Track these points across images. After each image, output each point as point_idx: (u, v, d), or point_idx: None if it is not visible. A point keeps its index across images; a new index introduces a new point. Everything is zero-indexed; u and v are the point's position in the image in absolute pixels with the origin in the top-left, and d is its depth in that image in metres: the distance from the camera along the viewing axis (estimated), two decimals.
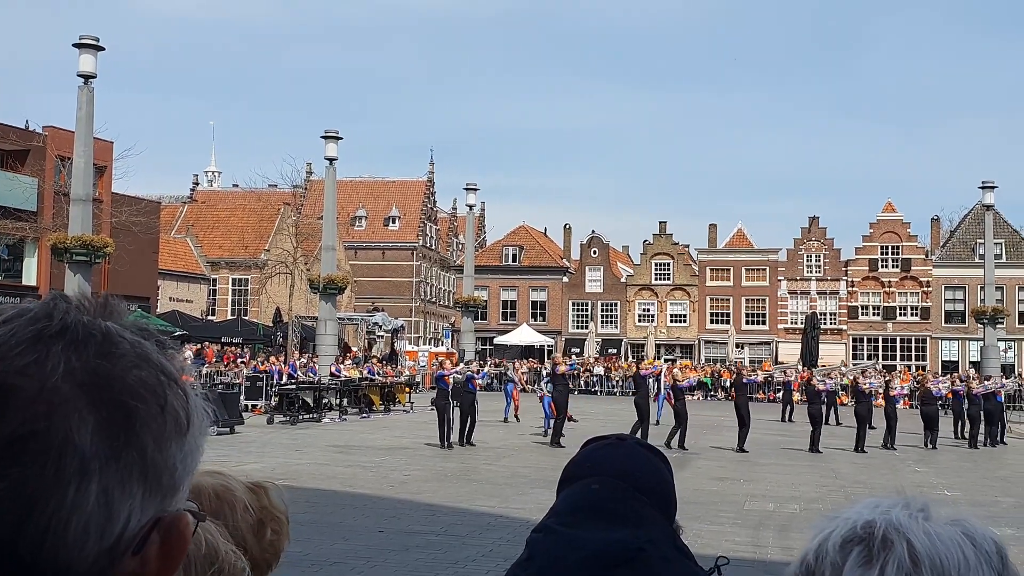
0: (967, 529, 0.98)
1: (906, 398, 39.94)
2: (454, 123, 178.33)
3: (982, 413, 26.89)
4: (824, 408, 25.37)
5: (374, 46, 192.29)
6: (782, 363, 53.15)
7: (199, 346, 43.13)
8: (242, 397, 29.88)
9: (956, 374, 39.32)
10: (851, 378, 29.11)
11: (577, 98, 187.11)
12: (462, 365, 25.14)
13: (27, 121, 42.22)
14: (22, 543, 0.71)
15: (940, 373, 45.36)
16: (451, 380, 22.27)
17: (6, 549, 0.70)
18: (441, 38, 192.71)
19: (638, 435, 22.02)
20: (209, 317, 56.92)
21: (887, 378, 28.16)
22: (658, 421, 27.48)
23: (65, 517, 0.71)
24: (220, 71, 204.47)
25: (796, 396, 34.87)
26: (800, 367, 44.91)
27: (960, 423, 27.97)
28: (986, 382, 29.48)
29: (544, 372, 32.96)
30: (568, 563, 1.52)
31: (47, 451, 0.71)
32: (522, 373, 38.45)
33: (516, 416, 30.08)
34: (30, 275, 41.27)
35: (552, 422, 23.40)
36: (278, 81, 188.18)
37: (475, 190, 51.97)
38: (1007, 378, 35.58)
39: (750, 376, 26.29)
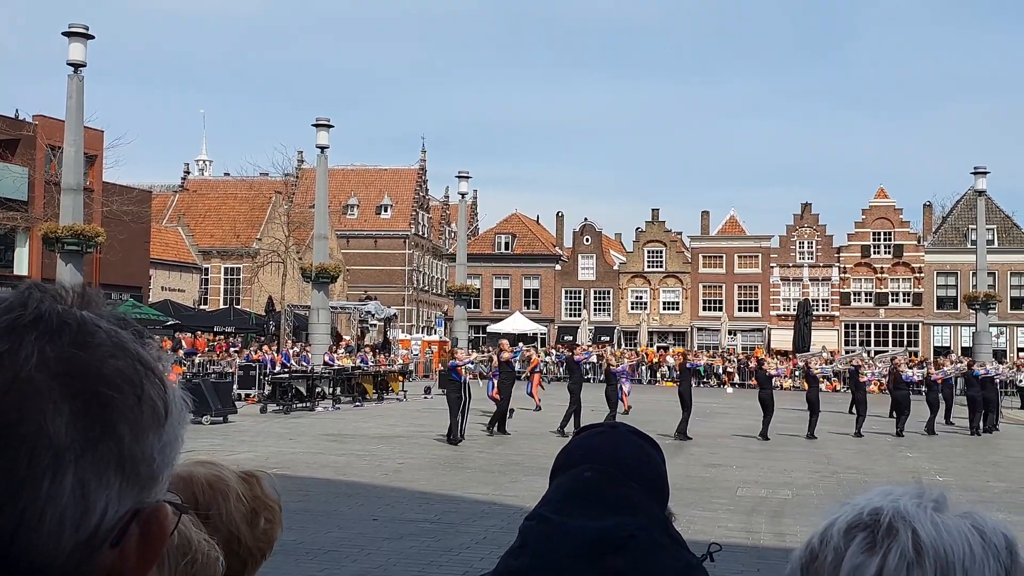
0: (977, 522, 0.97)
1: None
2: (446, 113, 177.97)
3: (979, 398, 26.32)
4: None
5: (365, 36, 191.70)
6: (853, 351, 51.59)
7: (192, 335, 43.10)
8: (235, 386, 29.87)
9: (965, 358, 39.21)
10: (803, 363, 28.76)
11: (569, 87, 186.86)
12: (475, 353, 24.61)
13: (16, 110, 42.05)
14: None
15: (931, 358, 45.37)
16: (464, 371, 21.36)
17: None
18: (433, 28, 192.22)
19: (571, 422, 21.79)
20: (201, 306, 56.85)
21: (856, 364, 27.65)
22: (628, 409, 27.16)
23: (39, 509, 0.70)
24: (210, 60, 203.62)
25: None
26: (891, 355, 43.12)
27: (974, 409, 26.81)
28: (952, 365, 28.91)
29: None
30: (561, 551, 1.52)
31: (20, 443, 0.70)
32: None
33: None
34: (21, 265, 41.13)
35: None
36: (269, 70, 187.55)
37: (467, 178, 51.78)
38: (1000, 363, 35.20)
39: (694, 361, 25.89)
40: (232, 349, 40.48)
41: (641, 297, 66.68)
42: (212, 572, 1.48)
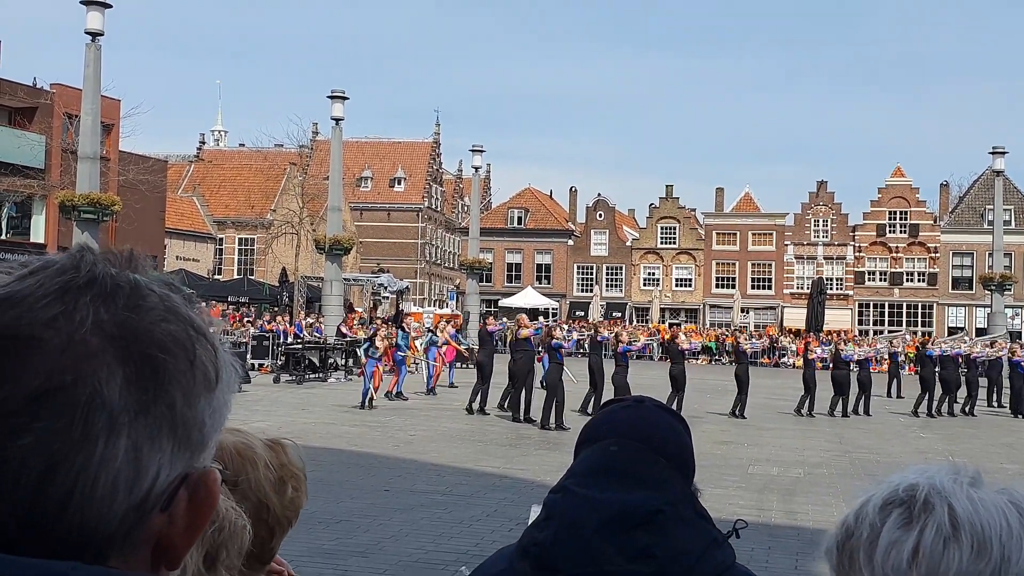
0: (1014, 497, 0.97)
1: (911, 364, 39.87)
2: (461, 85, 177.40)
3: (932, 379, 25.07)
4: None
5: (380, 7, 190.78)
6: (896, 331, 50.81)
7: (206, 305, 43.21)
8: (248, 356, 30.00)
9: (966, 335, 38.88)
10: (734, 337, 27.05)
11: (584, 61, 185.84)
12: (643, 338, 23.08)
13: (35, 78, 42.23)
14: (48, 499, 0.69)
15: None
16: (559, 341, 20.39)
17: (32, 505, 0.69)
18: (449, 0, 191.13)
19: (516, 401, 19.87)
20: (215, 276, 57.03)
21: (806, 340, 26.56)
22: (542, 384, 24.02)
23: (93, 473, 0.70)
24: (227, 30, 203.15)
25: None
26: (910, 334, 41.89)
27: (924, 389, 25.37)
28: (881, 344, 27.35)
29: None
30: (586, 524, 1.52)
31: (75, 406, 0.69)
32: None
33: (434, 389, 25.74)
34: (38, 232, 41.30)
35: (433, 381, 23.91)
36: (285, 41, 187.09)
37: (481, 152, 51.66)
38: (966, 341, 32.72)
39: (604, 335, 24.44)
40: (246, 319, 40.59)
41: (653, 273, 66.54)
42: (240, 540, 1.48)
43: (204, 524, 0.77)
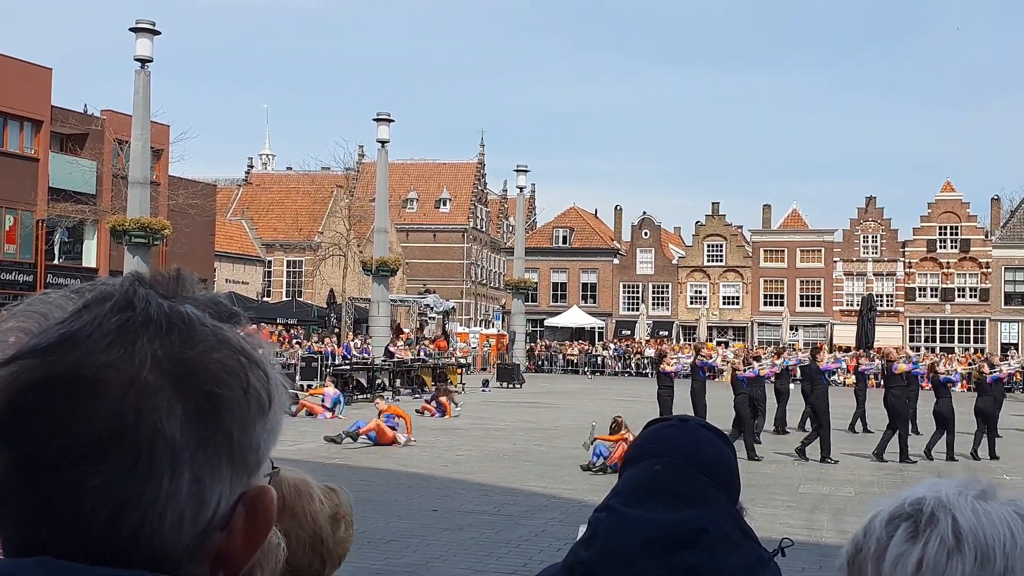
0: (1021, 508, 0.98)
1: (964, 381, 39.10)
2: (505, 106, 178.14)
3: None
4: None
5: (425, 28, 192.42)
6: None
7: (255, 327, 43.66)
8: (297, 378, 30.26)
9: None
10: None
11: (629, 79, 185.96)
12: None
13: (85, 105, 43.02)
14: (119, 535, 0.72)
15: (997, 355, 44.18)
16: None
17: (103, 542, 0.72)
18: (492, 19, 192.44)
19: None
20: (264, 298, 57.64)
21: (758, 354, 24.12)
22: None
23: (160, 509, 0.73)
24: (273, 55, 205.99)
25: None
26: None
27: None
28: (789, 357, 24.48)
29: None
30: (631, 543, 1.53)
31: (139, 446, 0.72)
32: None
33: None
34: (90, 257, 42.02)
35: None
36: (331, 65, 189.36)
37: (525, 172, 51.90)
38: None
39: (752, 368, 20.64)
40: (294, 341, 40.96)
41: (700, 291, 66.14)
42: (275, 558, 1.49)
43: (263, 539, 0.80)
